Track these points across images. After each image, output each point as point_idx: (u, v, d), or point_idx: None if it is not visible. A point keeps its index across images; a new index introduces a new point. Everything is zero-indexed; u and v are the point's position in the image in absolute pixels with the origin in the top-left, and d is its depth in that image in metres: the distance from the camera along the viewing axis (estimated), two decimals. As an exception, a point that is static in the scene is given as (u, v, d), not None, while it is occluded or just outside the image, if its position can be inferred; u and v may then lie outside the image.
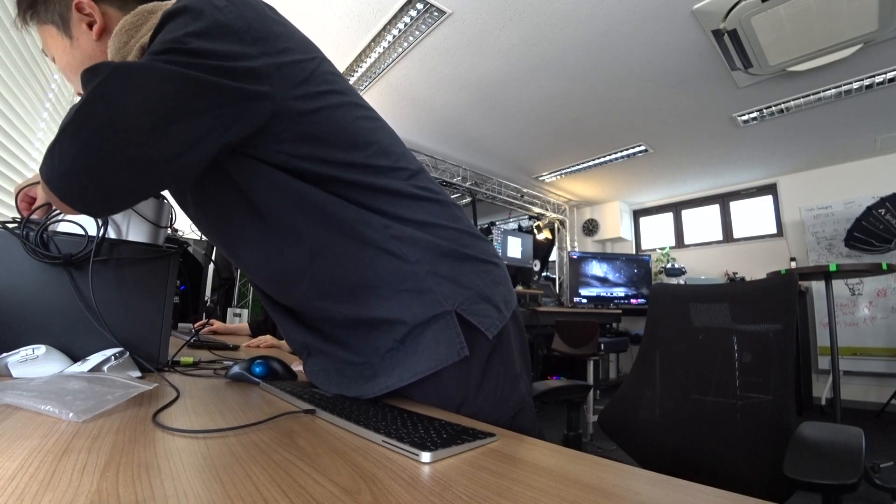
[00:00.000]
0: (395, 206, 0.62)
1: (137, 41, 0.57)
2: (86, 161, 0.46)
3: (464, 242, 0.67)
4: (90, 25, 0.64)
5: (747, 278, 4.74)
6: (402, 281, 0.60)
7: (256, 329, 1.98)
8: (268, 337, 1.69)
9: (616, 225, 6.02)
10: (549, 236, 6.22)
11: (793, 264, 4.46)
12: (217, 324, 1.98)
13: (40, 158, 1.43)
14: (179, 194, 0.69)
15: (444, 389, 0.63)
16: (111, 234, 0.81)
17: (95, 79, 0.45)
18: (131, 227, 0.84)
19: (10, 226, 0.74)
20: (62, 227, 0.77)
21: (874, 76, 2.93)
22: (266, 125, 0.54)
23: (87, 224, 0.77)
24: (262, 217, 0.60)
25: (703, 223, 5.64)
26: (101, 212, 0.55)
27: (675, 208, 5.89)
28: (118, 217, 0.83)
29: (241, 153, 0.56)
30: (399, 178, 0.64)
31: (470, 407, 0.63)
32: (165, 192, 0.88)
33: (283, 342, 1.70)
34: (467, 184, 5.07)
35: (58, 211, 0.76)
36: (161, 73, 0.47)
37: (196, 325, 1.48)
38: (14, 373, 0.65)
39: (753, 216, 5.20)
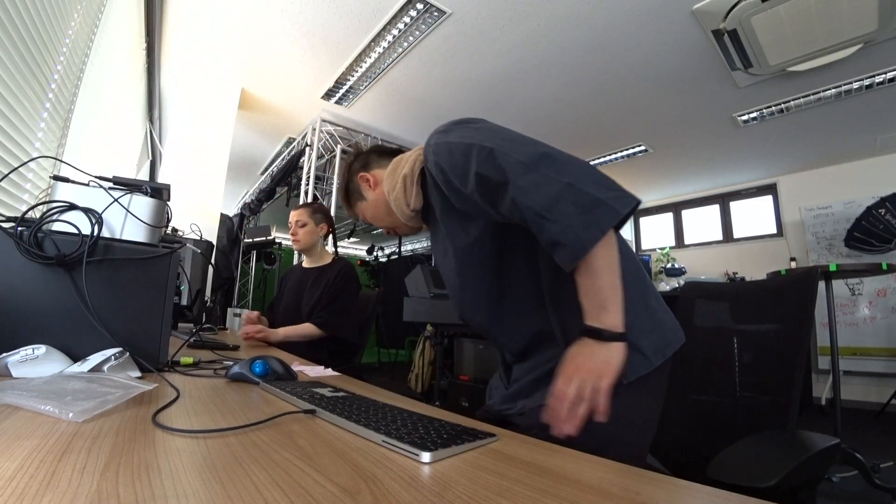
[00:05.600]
0: None
1: (399, 176, 0.85)
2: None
3: (633, 283, 0.72)
4: (369, 184, 0.97)
5: (747, 278, 4.73)
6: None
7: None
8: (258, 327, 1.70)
9: (616, 225, 6.00)
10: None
11: (793, 264, 4.46)
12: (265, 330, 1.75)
13: (40, 157, 1.41)
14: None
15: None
16: (105, 234, 0.81)
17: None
18: (127, 227, 0.83)
19: (6, 225, 0.73)
20: (57, 227, 0.77)
21: (874, 76, 2.93)
22: None
23: (81, 223, 0.77)
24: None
25: (703, 223, 5.63)
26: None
27: (675, 208, 5.89)
28: (113, 217, 0.83)
29: None
30: None
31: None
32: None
33: (271, 333, 1.71)
34: (467, 184, 5.06)
35: (52, 210, 0.76)
36: None
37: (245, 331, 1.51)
38: (14, 373, 0.65)
39: (753, 216, 5.19)
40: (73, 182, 0.82)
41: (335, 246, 2.32)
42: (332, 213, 3.84)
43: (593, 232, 0.60)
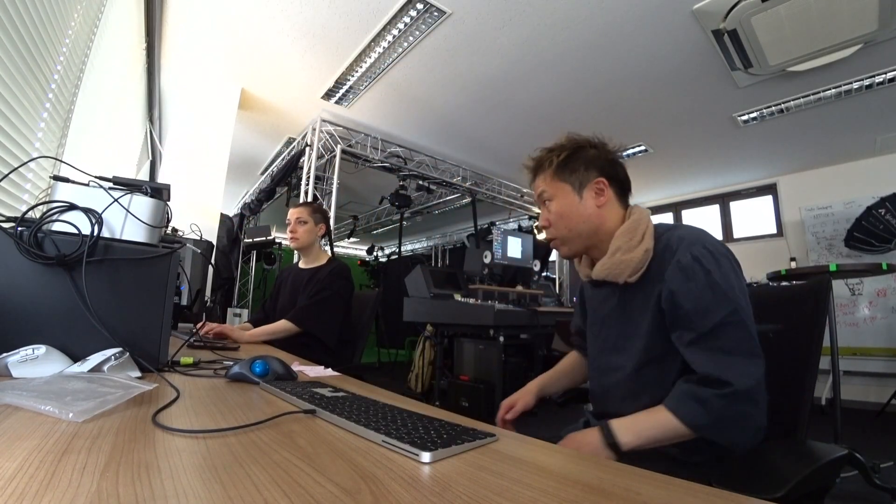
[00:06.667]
0: None
1: (643, 248, 0.83)
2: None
3: None
4: (600, 192, 0.89)
5: (748, 279, 4.72)
6: None
7: (256, 325, 1.98)
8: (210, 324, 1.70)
9: (616, 225, 6.00)
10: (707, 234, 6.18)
11: (793, 264, 4.46)
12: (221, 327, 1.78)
13: (40, 157, 1.41)
14: None
15: None
16: (105, 234, 0.80)
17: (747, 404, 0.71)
18: (127, 227, 0.83)
19: (6, 225, 0.73)
20: (57, 227, 0.77)
21: (874, 76, 2.93)
22: None
23: (81, 223, 0.77)
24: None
25: (703, 223, 5.63)
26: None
27: (675, 208, 5.89)
28: (113, 217, 0.83)
29: None
30: None
31: None
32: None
33: (234, 330, 1.72)
34: (467, 184, 5.06)
35: (52, 210, 0.76)
36: None
37: (198, 327, 1.47)
38: (14, 373, 0.65)
39: (753, 216, 5.19)
40: (73, 182, 0.82)
41: (331, 248, 2.31)
42: (332, 214, 3.85)
43: (729, 434, 0.71)
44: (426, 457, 0.39)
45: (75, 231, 0.76)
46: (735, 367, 0.71)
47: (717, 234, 5.43)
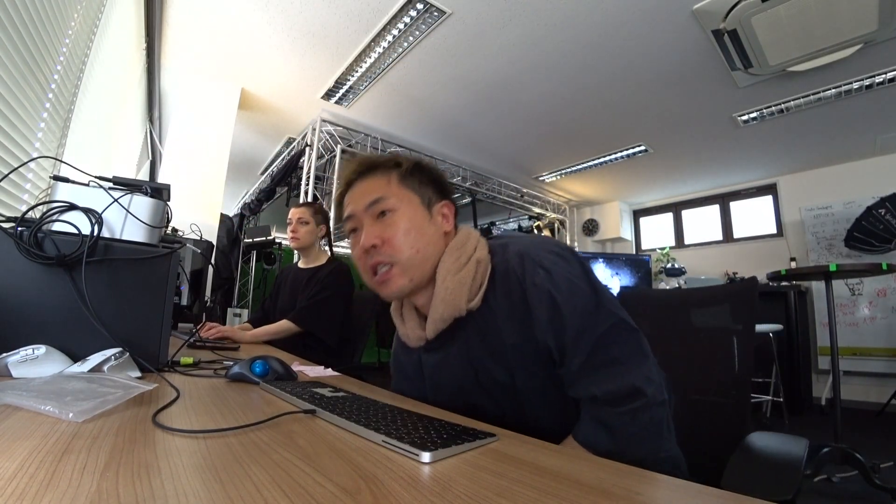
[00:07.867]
0: None
1: (473, 260, 0.71)
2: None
3: None
4: (445, 219, 0.77)
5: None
6: None
7: (255, 325, 1.98)
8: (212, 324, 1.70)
9: (616, 225, 6.01)
10: (550, 236, 6.22)
11: (793, 264, 4.46)
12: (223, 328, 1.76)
13: (40, 157, 1.41)
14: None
15: None
16: (105, 234, 0.80)
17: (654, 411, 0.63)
18: (127, 227, 0.83)
19: (6, 225, 0.73)
20: (57, 227, 0.77)
21: (874, 76, 2.93)
22: None
23: (81, 224, 0.77)
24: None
25: (703, 223, 5.63)
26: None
27: (675, 208, 5.89)
28: (113, 217, 0.83)
29: None
30: None
31: None
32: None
33: (234, 332, 1.72)
34: (467, 184, 5.06)
35: (52, 210, 0.76)
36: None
37: (199, 328, 1.48)
38: (14, 373, 0.65)
39: (753, 216, 5.19)
40: (73, 182, 0.82)
41: (331, 248, 2.32)
42: (332, 214, 3.85)
43: (646, 449, 0.63)
44: (426, 457, 0.39)
45: (75, 231, 0.76)
46: (631, 373, 0.63)
47: (717, 233, 5.43)
